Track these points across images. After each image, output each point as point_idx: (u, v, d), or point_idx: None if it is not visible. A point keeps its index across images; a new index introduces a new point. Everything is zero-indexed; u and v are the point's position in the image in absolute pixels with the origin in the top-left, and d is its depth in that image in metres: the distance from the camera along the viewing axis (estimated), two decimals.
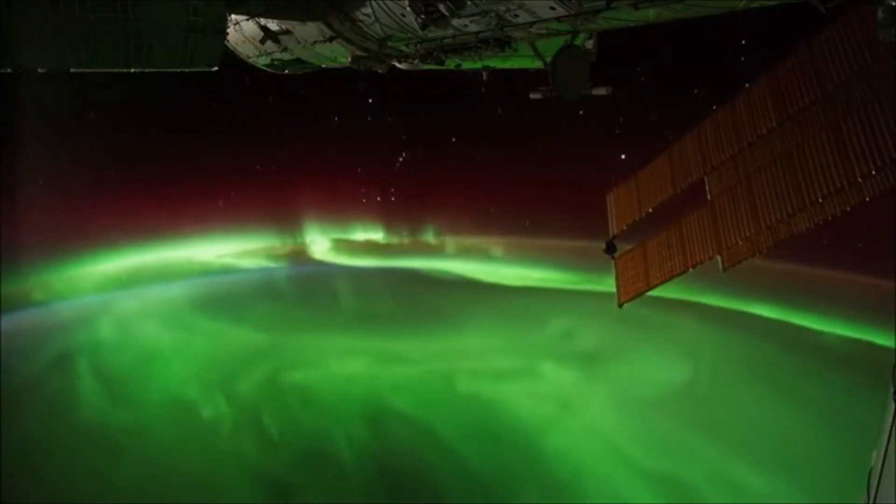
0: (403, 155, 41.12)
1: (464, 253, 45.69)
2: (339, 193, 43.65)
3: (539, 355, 36.99)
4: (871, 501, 5.59)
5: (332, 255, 46.27)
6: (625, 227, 11.05)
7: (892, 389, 5.57)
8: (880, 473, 5.49)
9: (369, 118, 38.61)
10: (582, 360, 36.09)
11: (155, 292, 43.12)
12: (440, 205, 42.80)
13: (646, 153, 11.00)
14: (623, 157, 33.91)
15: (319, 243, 45.99)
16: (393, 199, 43.74)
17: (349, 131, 39.19)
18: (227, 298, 43.08)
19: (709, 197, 9.95)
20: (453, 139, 39.42)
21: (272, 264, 46.35)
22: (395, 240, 46.05)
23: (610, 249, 11.35)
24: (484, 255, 45.58)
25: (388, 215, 44.81)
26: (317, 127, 37.78)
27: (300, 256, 45.96)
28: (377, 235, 46.02)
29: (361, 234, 45.88)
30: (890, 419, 5.56)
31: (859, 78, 8.04)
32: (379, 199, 43.45)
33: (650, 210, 10.72)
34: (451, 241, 46.03)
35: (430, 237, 45.97)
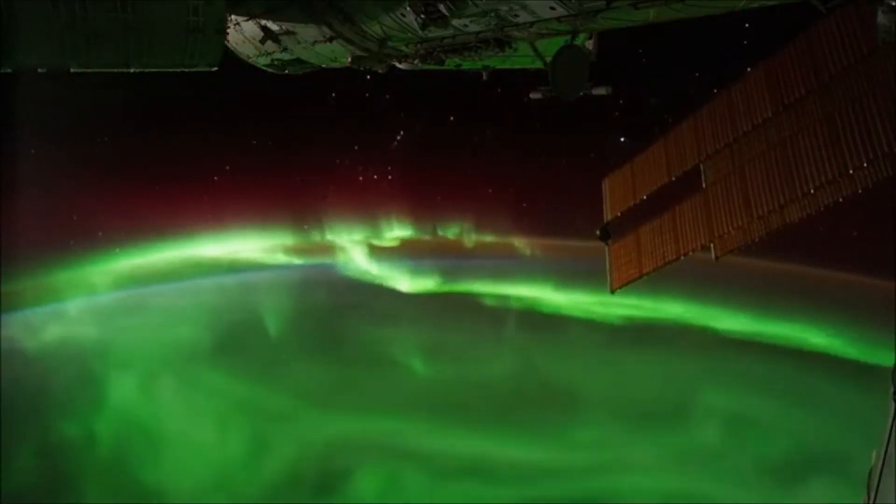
0: (401, 133, 40.45)
1: (500, 257, 38.66)
2: (338, 175, 42.60)
3: (705, 468, 24.73)
4: (871, 501, 5.73)
5: (354, 259, 40.18)
6: (619, 213, 11.17)
7: (892, 390, 5.70)
8: (880, 473, 5.61)
9: (367, 94, 38.02)
10: (775, 478, 24.41)
11: (159, 302, 36.23)
12: (443, 196, 40.50)
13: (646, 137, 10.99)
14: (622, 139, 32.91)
15: (324, 235, 40.40)
16: (390, 177, 42.77)
17: (346, 108, 38.51)
18: (246, 328, 34.06)
19: (704, 185, 10.06)
20: (451, 118, 38.80)
21: (291, 261, 40.03)
22: (416, 235, 40.42)
23: (604, 235, 11.45)
24: (523, 262, 37.19)
25: (390, 203, 41.30)
26: (313, 104, 37.12)
27: (314, 254, 40.64)
28: (406, 232, 40.18)
29: (375, 224, 40.24)
30: (890, 419, 5.69)
31: (856, 70, 8.10)
32: (376, 176, 42.50)
33: (644, 197, 10.83)
34: (472, 239, 39.25)
35: (450, 232, 40.25)
